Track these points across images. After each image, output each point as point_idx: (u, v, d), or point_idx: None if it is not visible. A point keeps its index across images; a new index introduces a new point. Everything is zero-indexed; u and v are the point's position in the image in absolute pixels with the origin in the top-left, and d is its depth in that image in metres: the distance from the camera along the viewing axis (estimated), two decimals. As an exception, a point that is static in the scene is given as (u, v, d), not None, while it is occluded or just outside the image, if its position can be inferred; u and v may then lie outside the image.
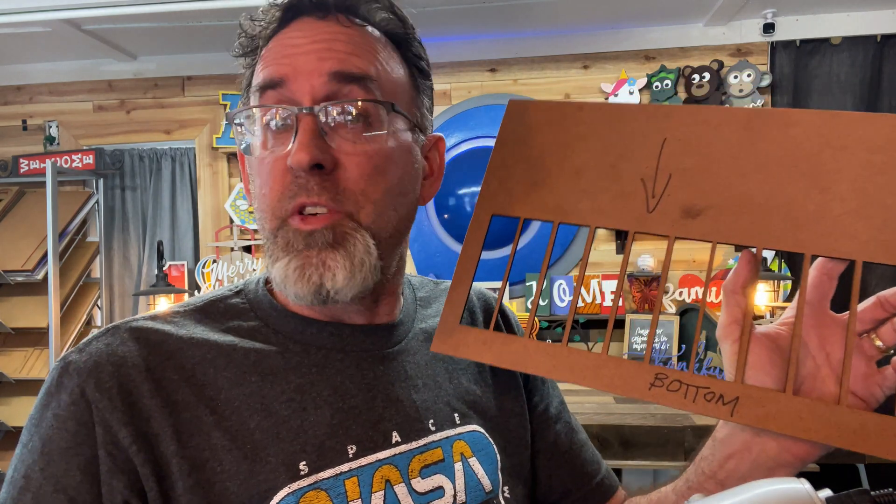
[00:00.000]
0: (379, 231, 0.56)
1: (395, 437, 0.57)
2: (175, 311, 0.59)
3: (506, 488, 0.63)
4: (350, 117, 0.54)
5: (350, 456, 0.54)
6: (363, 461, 0.54)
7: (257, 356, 0.56)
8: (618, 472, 2.26)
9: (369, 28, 0.58)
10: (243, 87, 0.60)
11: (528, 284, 2.86)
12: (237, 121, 0.58)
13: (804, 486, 0.35)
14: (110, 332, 0.54)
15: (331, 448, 0.54)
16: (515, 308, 2.89)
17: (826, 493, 0.35)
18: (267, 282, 0.64)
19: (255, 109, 0.56)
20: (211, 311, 0.60)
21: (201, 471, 0.50)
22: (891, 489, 0.34)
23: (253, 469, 0.51)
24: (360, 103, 0.54)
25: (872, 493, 0.34)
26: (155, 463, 0.49)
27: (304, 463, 0.52)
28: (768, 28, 2.74)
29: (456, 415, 0.62)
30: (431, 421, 0.60)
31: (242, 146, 0.59)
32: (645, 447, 1.93)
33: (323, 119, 0.54)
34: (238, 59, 0.60)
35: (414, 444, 0.58)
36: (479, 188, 0.61)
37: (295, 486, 0.51)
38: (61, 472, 0.48)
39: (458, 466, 0.59)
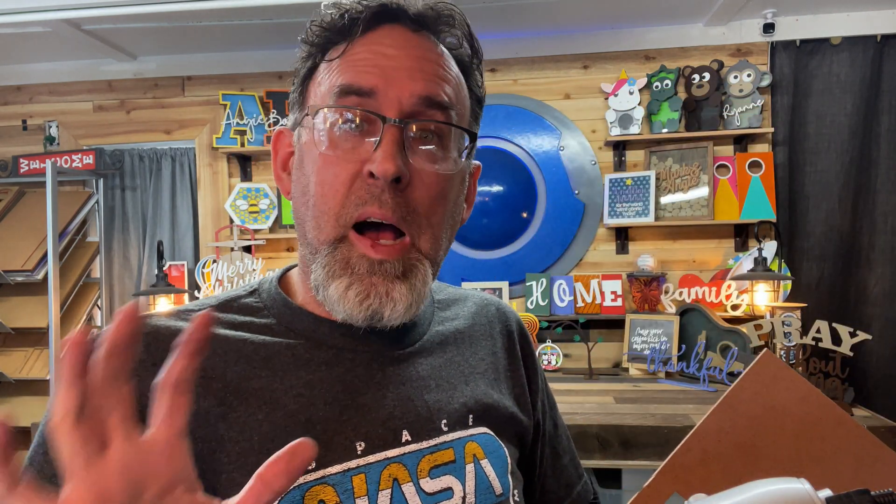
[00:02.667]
0: (435, 258, 0.58)
1: (406, 435, 0.57)
2: (189, 309, 0.59)
3: (516, 491, 0.63)
4: (430, 138, 0.55)
5: (358, 452, 0.54)
6: (371, 458, 0.55)
7: (267, 352, 0.57)
8: (617, 472, 2.26)
9: (451, 54, 0.59)
10: (301, 74, 0.59)
11: (527, 284, 2.86)
12: (307, 114, 0.57)
13: (804, 485, 0.35)
14: None
15: (339, 444, 0.54)
16: (515, 307, 2.89)
17: (826, 492, 0.35)
18: (281, 280, 0.64)
19: (330, 108, 0.55)
20: (225, 310, 0.60)
21: (207, 461, 0.50)
22: (891, 489, 0.34)
23: (259, 460, 0.51)
24: (443, 126, 0.55)
25: (872, 493, 0.34)
26: None
27: None
28: (768, 28, 2.74)
29: (470, 416, 0.62)
30: (444, 421, 0.60)
31: (303, 140, 0.58)
32: (645, 447, 1.93)
33: (406, 135, 0.54)
34: (300, 46, 0.59)
35: (424, 444, 0.58)
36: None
37: (301, 479, 0.51)
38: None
39: (470, 468, 0.59)
